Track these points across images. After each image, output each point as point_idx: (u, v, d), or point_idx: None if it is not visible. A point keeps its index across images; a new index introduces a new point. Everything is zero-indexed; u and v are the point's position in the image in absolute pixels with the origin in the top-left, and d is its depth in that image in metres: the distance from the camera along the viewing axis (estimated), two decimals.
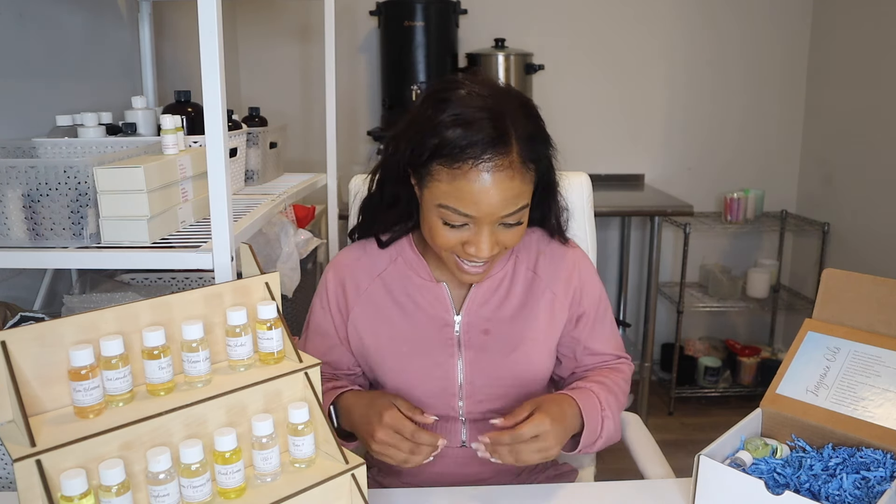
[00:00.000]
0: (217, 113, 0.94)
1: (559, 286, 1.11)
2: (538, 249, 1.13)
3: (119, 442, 0.71)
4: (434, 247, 1.01)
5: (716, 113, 3.02)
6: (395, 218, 1.09)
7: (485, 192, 0.91)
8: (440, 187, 0.94)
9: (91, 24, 1.66)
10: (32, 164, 1.00)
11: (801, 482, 0.89)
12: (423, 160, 0.95)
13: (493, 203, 0.92)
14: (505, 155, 0.92)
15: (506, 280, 1.10)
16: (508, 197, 0.93)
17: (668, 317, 3.09)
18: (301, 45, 2.85)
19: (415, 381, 1.08)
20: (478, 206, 0.92)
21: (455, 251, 0.99)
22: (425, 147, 0.94)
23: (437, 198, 0.95)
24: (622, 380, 1.13)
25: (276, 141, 1.78)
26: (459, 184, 0.92)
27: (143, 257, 1.02)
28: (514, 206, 0.95)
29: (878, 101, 2.56)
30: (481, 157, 0.91)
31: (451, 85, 0.98)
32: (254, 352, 0.86)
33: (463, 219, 0.94)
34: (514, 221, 0.97)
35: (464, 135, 0.91)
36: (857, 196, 2.71)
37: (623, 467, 1.21)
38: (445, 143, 0.92)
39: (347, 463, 0.82)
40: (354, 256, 1.13)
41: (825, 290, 1.06)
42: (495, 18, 2.85)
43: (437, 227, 0.97)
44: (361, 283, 1.11)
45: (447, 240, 0.97)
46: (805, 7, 2.95)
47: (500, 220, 0.95)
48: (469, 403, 1.08)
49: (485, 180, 0.91)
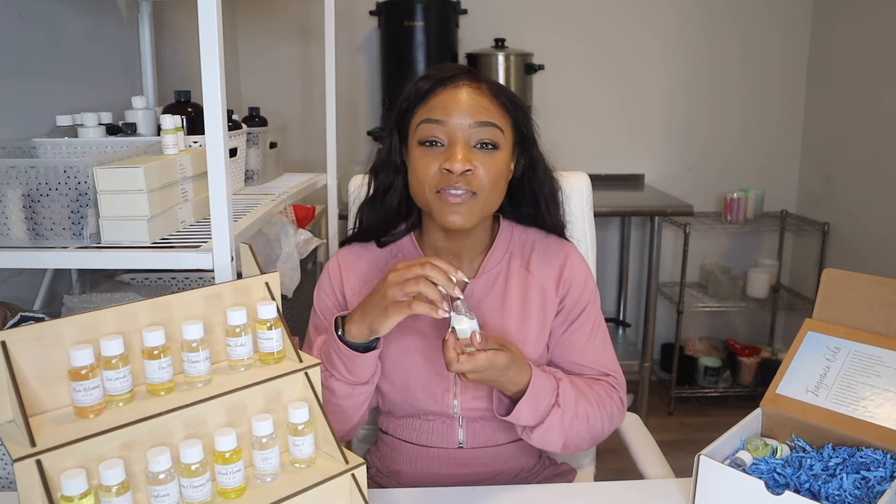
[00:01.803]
0: (217, 113, 0.94)
1: (549, 281, 1.10)
2: (532, 247, 1.13)
3: (119, 442, 0.71)
4: (420, 192, 1.02)
5: (716, 113, 3.02)
6: (394, 209, 1.10)
7: (455, 101, 0.99)
8: (419, 116, 1.01)
9: (91, 24, 1.66)
10: (32, 164, 1.00)
11: (801, 482, 0.89)
12: (407, 116, 1.03)
13: (463, 110, 0.99)
14: (475, 82, 1.02)
15: (501, 276, 1.10)
16: (478, 107, 0.99)
17: (668, 317, 3.09)
18: (301, 45, 2.85)
19: (411, 375, 1.07)
20: (447, 111, 0.99)
21: (435, 182, 1.00)
22: (407, 101, 1.04)
23: (416, 124, 1.01)
24: (604, 392, 1.08)
25: (276, 141, 1.78)
26: (433, 101, 1.01)
27: (143, 257, 1.02)
28: (484, 117, 1.00)
29: (878, 101, 2.56)
30: (453, 80, 1.01)
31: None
32: (254, 352, 0.86)
33: (436, 129, 0.99)
34: (488, 139, 1.00)
35: (437, 74, 1.03)
36: (857, 196, 2.71)
37: (623, 467, 1.21)
38: (420, 86, 1.02)
39: (347, 463, 0.82)
40: (355, 253, 1.14)
41: (825, 290, 1.06)
42: (495, 18, 2.85)
43: (417, 158, 1.01)
44: (361, 276, 1.11)
45: (427, 167, 1.00)
46: (805, 8, 2.95)
47: (471, 133, 0.99)
48: (464, 399, 1.08)
49: (455, 92, 1.00)
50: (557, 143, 1.04)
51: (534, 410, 0.98)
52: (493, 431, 1.11)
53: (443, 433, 1.10)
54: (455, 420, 1.10)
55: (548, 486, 1.02)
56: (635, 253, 3.13)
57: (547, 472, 1.21)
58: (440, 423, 1.10)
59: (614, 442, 1.29)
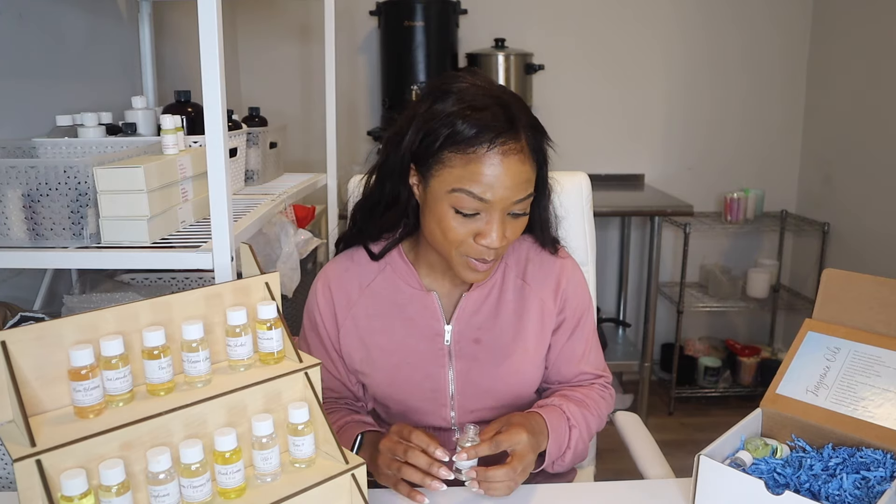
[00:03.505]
0: (217, 113, 0.94)
1: (547, 293, 1.09)
2: (528, 257, 1.11)
3: (119, 442, 0.71)
4: (443, 244, 0.98)
5: (716, 113, 3.02)
6: (393, 220, 1.06)
7: (499, 176, 0.92)
8: (453, 173, 0.93)
9: (91, 24, 1.66)
10: (32, 164, 1.00)
11: (801, 482, 0.89)
12: (433, 150, 0.94)
13: (507, 186, 0.92)
14: (516, 140, 0.93)
15: (495, 288, 1.09)
16: (520, 181, 0.94)
17: (668, 317, 3.08)
18: (301, 45, 2.85)
19: (405, 393, 1.07)
20: (493, 190, 0.92)
21: (464, 247, 0.97)
22: (436, 136, 0.94)
23: (450, 183, 0.93)
24: (598, 396, 1.13)
25: (276, 141, 1.78)
26: (474, 167, 0.92)
27: (143, 257, 1.02)
28: (525, 192, 0.95)
29: (878, 101, 2.56)
30: (496, 141, 0.92)
31: (450, 79, 0.98)
32: (254, 352, 0.86)
33: (476, 204, 0.93)
34: (521, 211, 0.97)
35: (476, 120, 0.92)
36: (857, 196, 2.71)
37: (623, 467, 1.21)
38: (458, 129, 0.92)
39: (347, 463, 0.82)
40: (343, 268, 1.11)
41: (825, 290, 1.06)
42: (495, 18, 2.85)
43: (448, 219, 0.95)
44: (351, 295, 1.09)
45: (458, 233, 0.95)
46: (805, 7, 2.95)
47: (510, 207, 0.95)
48: (460, 413, 1.08)
49: (499, 164, 0.92)
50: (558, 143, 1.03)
51: (559, 446, 1.03)
52: None
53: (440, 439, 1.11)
54: (451, 431, 1.11)
55: (547, 486, 1.02)
56: (635, 253, 3.13)
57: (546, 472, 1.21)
58: (436, 433, 1.10)
59: (614, 442, 1.29)
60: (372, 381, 1.09)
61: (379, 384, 1.08)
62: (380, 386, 1.08)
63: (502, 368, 1.07)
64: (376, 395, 1.10)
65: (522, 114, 0.96)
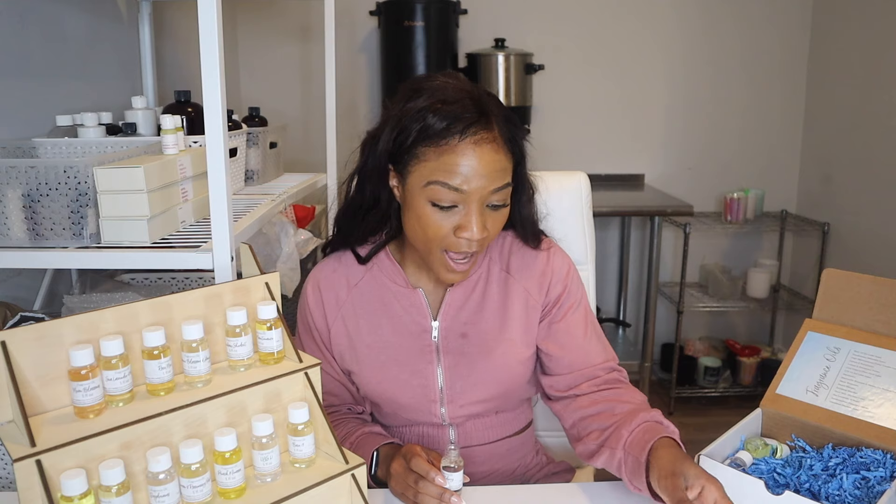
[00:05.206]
0: (217, 113, 0.94)
1: (532, 283, 1.09)
2: (511, 250, 1.11)
3: (119, 442, 0.71)
4: (424, 242, 0.99)
5: (716, 113, 3.02)
6: (375, 223, 1.07)
7: (473, 166, 0.92)
8: (428, 166, 0.94)
9: (91, 24, 1.66)
10: (32, 164, 1.00)
11: (801, 482, 0.89)
12: (406, 146, 0.95)
13: (483, 175, 0.93)
14: (488, 129, 0.94)
15: (480, 282, 1.09)
16: (495, 170, 0.94)
17: (668, 317, 3.08)
18: (301, 45, 2.85)
19: (395, 390, 1.07)
20: (468, 181, 0.93)
21: (445, 243, 0.97)
22: (408, 132, 0.95)
23: (425, 177, 0.94)
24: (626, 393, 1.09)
25: (276, 141, 1.78)
26: (447, 158, 0.93)
27: (143, 257, 1.02)
28: (501, 181, 0.95)
29: (878, 101, 2.56)
30: (467, 131, 0.93)
31: (423, 79, 1.00)
32: (254, 352, 0.86)
33: (453, 196, 0.93)
34: (500, 202, 0.97)
35: (448, 113, 0.93)
36: (857, 196, 2.71)
37: None
38: (429, 122, 0.93)
39: (347, 463, 0.82)
40: (331, 269, 1.11)
41: (825, 290, 1.06)
42: (495, 18, 2.85)
43: (427, 215, 0.96)
44: (340, 294, 1.09)
45: (438, 228, 0.96)
46: (805, 7, 2.95)
47: (488, 197, 0.95)
48: (451, 409, 1.08)
49: (472, 153, 0.92)
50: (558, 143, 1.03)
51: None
52: (485, 430, 1.11)
53: (433, 437, 1.11)
54: (443, 426, 1.11)
55: (546, 486, 1.02)
56: (635, 253, 3.13)
57: (545, 471, 1.21)
58: (429, 430, 1.11)
59: None
60: (362, 380, 1.09)
61: (368, 382, 1.08)
62: (369, 384, 1.08)
63: (489, 361, 1.06)
64: (367, 393, 1.10)
65: (495, 106, 0.97)
